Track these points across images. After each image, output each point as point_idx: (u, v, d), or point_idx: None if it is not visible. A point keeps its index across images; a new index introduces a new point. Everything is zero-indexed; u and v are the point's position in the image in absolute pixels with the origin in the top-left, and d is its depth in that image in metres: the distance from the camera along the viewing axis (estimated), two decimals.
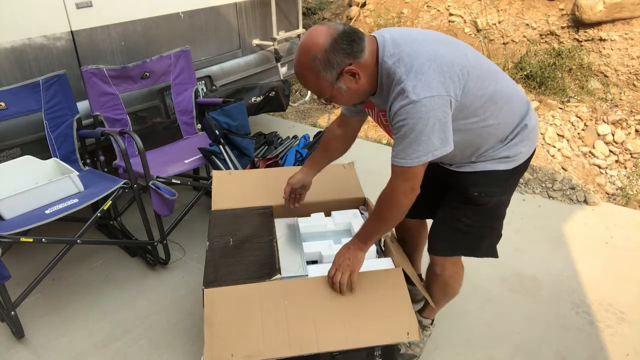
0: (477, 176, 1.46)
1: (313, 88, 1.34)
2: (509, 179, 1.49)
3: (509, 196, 1.55)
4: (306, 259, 1.63)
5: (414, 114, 1.22)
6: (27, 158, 2.17)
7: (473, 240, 1.59)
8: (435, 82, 1.23)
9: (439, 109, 1.23)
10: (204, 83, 3.00)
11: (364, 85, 1.33)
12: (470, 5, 4.73)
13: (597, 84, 3.94)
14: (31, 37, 2.22)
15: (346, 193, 1.95)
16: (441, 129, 1.25)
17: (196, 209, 2.73)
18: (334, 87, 1.30)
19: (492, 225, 1.58)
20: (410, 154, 1.27)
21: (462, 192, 1.50)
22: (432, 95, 1.22)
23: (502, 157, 1.44)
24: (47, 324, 2.05)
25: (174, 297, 2.19)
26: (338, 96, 1.33)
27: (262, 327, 1.42)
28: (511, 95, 1.41)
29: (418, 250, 2.01)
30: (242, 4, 3.16)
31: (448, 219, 1.58)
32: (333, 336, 1.41)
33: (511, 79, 1.47)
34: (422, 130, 1.23)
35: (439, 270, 1.66)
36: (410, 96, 1.22)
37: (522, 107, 1.44)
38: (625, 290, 2.21)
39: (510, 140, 1.43)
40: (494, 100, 1.36)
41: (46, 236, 1.92)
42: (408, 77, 1.23)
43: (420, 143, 1.25)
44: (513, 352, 1.89)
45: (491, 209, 1.53)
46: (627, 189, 3.10)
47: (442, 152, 1.28)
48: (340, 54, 1.25)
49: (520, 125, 1.43)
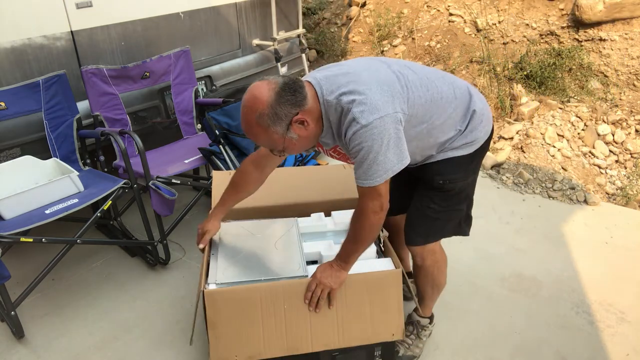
0: (439, 165, 1.52)
1: (265, 143, 1.37)
2: (470, 163, 1.55)
3: (473, 178, 1.61)
4: (306, 259, 1.63)
5: (366, 137, 1.27)
6: (27, 158, 2.17)
7: (442, 224, 1.64)
8: (380, 103, 1.28)
9: (390, 127, 1.28)
10: (204, 83, 3.00)
11: (313, 130, 1.36)
12: (470, 5, 4.73)
13: (597, 84, 3.94)
14: (31, 37, 2.22)
15: (346, 193, 1.95)
16: (395, 146, 1.30)
17: (196, 209, 2.72)
18: (285, 138, 1.32)
19: (458, 207, 1.63)
20: (371, 174, 1.32)
21: (429, 182, 1.56)
22: (381, 116, 1.27)
23: (461, 145, 1.50)
24: (47, 324, 2.05)
25: (174, 297, 2.19)
26: (290, 146, 1.36)
27: (262, 328, 1.43)
28: (447, 91, 1.45)
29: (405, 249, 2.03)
30: (242, 4, 3.16)
31: (418, 208, 1.63)
32: (326, 336, 1.45)
33: (442, 72, 1.53)
34: (378, 151, 1.28)
35: (419, 261, 1.70)
36: (360, 121, 1.26)
37: (462, 97, 1.49)
38: (625, 290, 2.21)
39: (464, 130, 1.49)
40: (435, 103, 1.41)
41: (46, 236, 1.92)
42: (354, 105, 1.28)
43: (379, 163, 1.30)
44: (513, 352, 1.89)
45: (457, 194, 1.58)
46: (627, 189, 3.10)
47: (400, 166, 1.33)
48: (286, 105, 1.28)
49: (468, 113, 1.49)
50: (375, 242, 1.72)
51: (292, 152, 1.42)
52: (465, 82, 1.55)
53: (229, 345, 1.40)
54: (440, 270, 1.75)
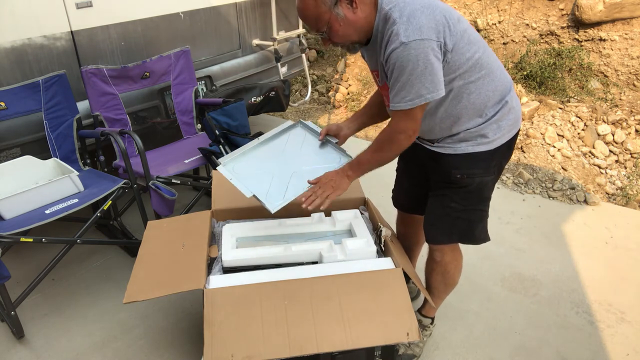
0: (458, 158, 1.50)
1: (311, 15, 1.35)
2: (490, 161, 1.51)
3: (492, 178, 1.57)
4: (306, 259, 1.63)
5: (403, 56, 1.26)
6: (27, 158, 2.17)
7: (466, 226, 1.62)
8: (425, 27, 1.26)
9: (429, 52, 1.26)
10: (204, 83, 3.00)
11: (360, 19, 1.35)
12: (471, 5, 4.72)
13: (597, 84, 3.94)
14: (31, 37, 2.22)
15: (346, 193, 1.94)
16: (431, 74, 1.28)
17: (196, 209, 2.72)
18: (332, 13, 1.32)
19: (480, 208, 1.61)
20: (403, 96, 1.31)
21: (446, 176, 1.53)
22: (422, 39, 1.25)
23: (481, 137, 1.46)
24: (47, 324, 2.05)
25: (174, 297, 2.19)
26: (335, 25, 1.35)
27: (262, 328, 1.42)
28: (495, 69, 1.44)
29: (418, 246, 2.03)
30: (242, 4, 3.16)
31: (438, 207, 1.61)
32: (332, 337, 1.41)
33: (498, 59, 1.50)
34: (412, 72, 1.27)
35: (438, 256, 1.69)
36: (401, 38, 1.25)
37: (504, 84, 1.47)
38: (625, 290, 2.21)
39: (490, 117, 1.45)
40: (479, 68, 1.38)
41: (46, 236, 1.92)
42: (401, 20, 1.27)
43: (413, 86, 1.28)
44: (513, 352, 1.89)
45: (475, 191, 1.55)
46: (627, 189, 3.10)
47: (433, 96, 1.30)
48: None
49: (502, 102, 1.46)
50: (376, 241, 1.72)
51: (335, 38, 1.40)
52: (509, 77, 1.53)
53: (225, 344, 1.39)
54: (456, 267, 1.75)
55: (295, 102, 4.37)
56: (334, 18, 1.33)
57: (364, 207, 1.94)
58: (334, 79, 4.96)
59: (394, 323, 1.45)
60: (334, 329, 1.43)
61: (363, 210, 1.91)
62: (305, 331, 1.41)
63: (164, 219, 1.97)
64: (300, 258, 1.65)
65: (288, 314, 1.45)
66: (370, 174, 1.58)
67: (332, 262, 1.62)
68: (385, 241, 1.72)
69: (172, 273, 1.58)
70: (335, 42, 1.42)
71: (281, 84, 3.16)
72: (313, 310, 1.46)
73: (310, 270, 1.58)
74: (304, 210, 1.54)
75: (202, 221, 1.80)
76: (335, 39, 1.41)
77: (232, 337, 1.40)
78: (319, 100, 4.76)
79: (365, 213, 1.89)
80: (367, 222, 1.83)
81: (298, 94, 4.94)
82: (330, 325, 1.43)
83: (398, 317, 1.46)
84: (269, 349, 1.38)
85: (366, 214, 1.89)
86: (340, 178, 1.53)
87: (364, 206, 1.94)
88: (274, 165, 1.69)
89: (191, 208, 2.51)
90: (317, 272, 1.57)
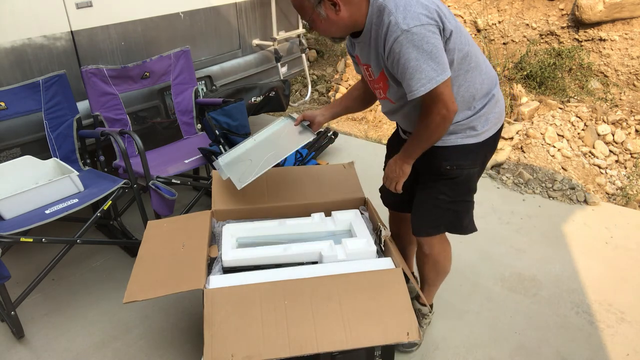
0: (448, 150, 1.53)
1: (297, 4, 1.39)
2: (477, 153, 1.55)
3: (478, 170, 1.61)
4: (306, 260, 1.63)
5: (406, 43, 1.28)
6: (27, 158, 2.17)
7: (454, 217, 1.65)
8: (423, 15, 1.29)
9: (430, 35, 1.28)
10: (204, 83, 3.00)
11: (343, 20, 1.37)
12: (471, 5, 4.72)
13: (597, 84, 3.94)
14: (31, 37, 2.22)
15: (346, 193, 1.95)
16: (437, 54, 1.30)
17: (196, 209, 2.72)
18: (314, 11, 1.35)
19: (467, 199, 1.65)
20: (416, 83, 1.32)
21: (435, 168, 1.57)
22: (422, 24, 1.27)
23: (470, 129, 1.51)
24: (47, 324, 2.05)
25: (174, 297, 2.18)
26: (317, 22, 1.38)
27: (262, 328, 1.42)
28: (481, 62, 1.49)
29: (412, 245, 2.03)
30: (242, 4, 3.16)
31: (427, 199, 1.64)
32: (332, 336, 1.41)
33: (482, 53, 1.55)
34: (418, 58, 1.29)
35: (427, 249, 1.72)
36: (401, 26, 1.27)
37: (491, 78, 1.52)
38: (625, 290, 2.21)
39: (478, 110, 1.50)
40: (468, 60, 1.43)
41: (46, 236, 1.92)
42: (397, 10, 1.29)
43: (422, 70, 1.30)
44: (513, 352, 1.89)
45: (463, 182, 1.59)
46: (627, 189, 3.10)
47: (442, 77, 1.31)
48: None
49: (489, 95, 1.51)
50: (376, 241, 1.73)
51: (317, 30, 1.44)
52: (494, 72, 1.58)
53: (225, 344, 1.39)
54: (446, 257, 1.78)
55: (295, 102, 4.37)
56: (316, 15, 1.36)
57: (364, 207, 1.94)
58: (334, 79, 4.96)
59: (394, 323, 1.45)
60: (334, 329, 1.43)
61: (363, 210, 1.91)
62: (305, 331, 1.41)
63: (164, 219, 1.97)
64: (300, 258, 1.65)
65: (288, 314, 1.44)
66: (370, 174, 1.58)
67: (332, 262, 1.62)
68: (385, 241, 1.72)
69: (172, 273, 1.58)
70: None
71: (281, 84, 3.16)
72: (313, 310, 1.46)
73: (310, 270, 1.58)
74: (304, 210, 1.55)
75: (202, 221, 1.80)
76: (320, 33, 1.47)
77: (232, 337, 1.40)
78: (319, 100, 4.76)
79: (365, 213, 1.89)
80: (367, 222, 1.83)
81: (298, 94, 4.94)
82: (330, 325, 1.43)
83: (398, 317, 1.46)
84: (269, 348, 1.38)
85: (366, 214, 1.89)
86: (400, 166, 1.57)
87: (364, 206, 1.94)
88: (254, 153, 1.85)
89: (191, 208, 2.51)
90: (317, 272, 1.57)
